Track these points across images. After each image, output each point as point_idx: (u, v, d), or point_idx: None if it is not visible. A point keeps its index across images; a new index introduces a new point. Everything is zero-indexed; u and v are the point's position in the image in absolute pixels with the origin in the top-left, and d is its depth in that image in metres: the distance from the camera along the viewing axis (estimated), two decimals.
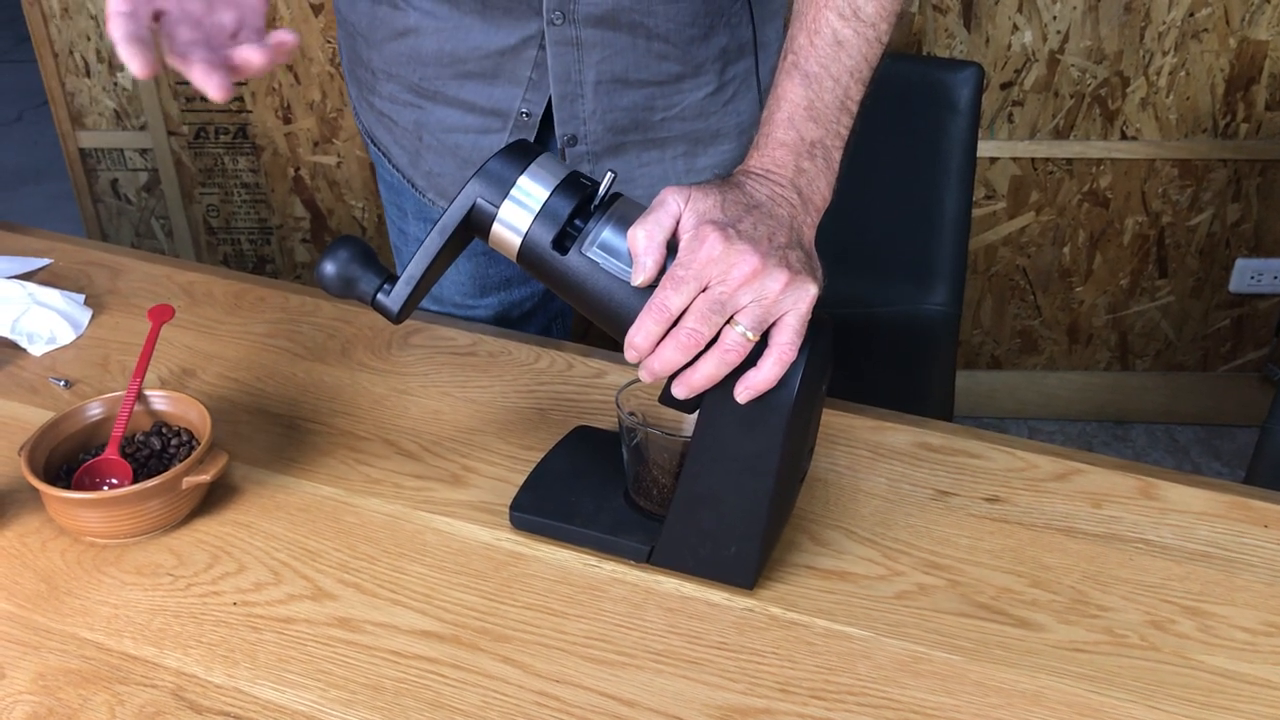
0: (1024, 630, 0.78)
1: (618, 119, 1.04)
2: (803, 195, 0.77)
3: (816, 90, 0.79)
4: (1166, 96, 2.00)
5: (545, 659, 0.75)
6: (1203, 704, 0.73)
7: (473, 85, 1.03)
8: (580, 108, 1.02)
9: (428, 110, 1.07)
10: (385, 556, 0.83)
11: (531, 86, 1.01)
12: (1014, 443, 0.95)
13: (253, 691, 0.73)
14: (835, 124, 0.80)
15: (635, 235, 0.72)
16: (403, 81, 1.07)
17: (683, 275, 0.71)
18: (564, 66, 1.00)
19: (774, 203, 0.75)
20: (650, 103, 1.04)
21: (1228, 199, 2.09)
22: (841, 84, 0.80)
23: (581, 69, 1.00)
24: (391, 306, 0.77)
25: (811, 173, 0.78)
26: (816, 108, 0.79)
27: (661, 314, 0.71)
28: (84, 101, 2.14)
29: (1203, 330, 2.23)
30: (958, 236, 1.54)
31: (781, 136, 0.78)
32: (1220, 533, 0.86)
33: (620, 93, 1.02)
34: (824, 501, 0.88)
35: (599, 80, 1.01)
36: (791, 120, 0.79)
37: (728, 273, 0.70)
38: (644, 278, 0.72)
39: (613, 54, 1.00)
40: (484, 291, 1.19)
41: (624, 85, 1.02)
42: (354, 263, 0.78)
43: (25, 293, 1.09)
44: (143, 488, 0.81)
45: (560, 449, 0.90)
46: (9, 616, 0.78)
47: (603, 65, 1.00)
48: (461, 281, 1.18)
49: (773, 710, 0.72)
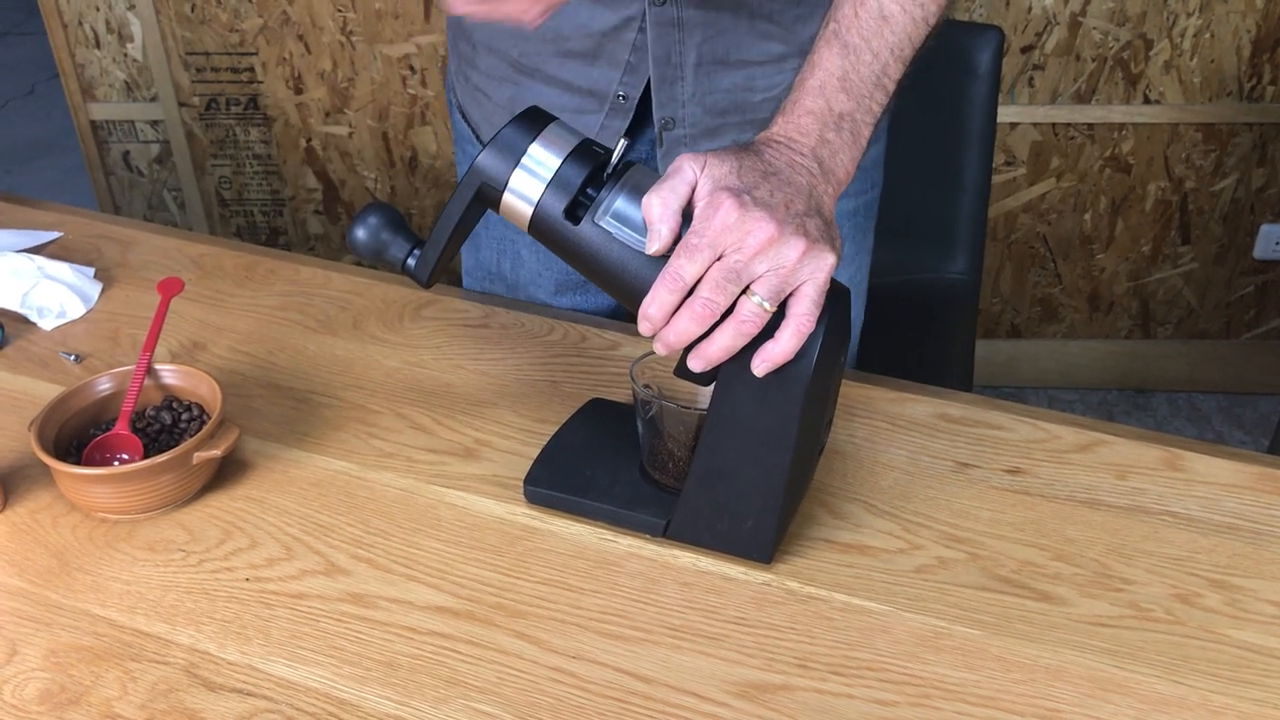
0: (1046, 604, 0.76)
1: (717, 101, 1.01)
2: (824, 166, 0.75)
3: (854, 62, 0.78)
4: (1190, 59, 1.97)
5: (560, 634, 0.74)
6: (1229, 679, 0.72)
7: (573, 64, 1.01)
8: (679, 90, 0.99)
9: (525, 87, 1.05)
10: (399, 531, 0.82)
11: (629, 69, 0.99)
12: (1036, 413, 0.93)
13: (265, 668, 0.72)
14: (868, 99, 0.78)
15: (650, 202, 0.71)
16: (503, 56, 1.05)
17: (697, 243, 0.69)
18: (664, 48, 0.97)
19: (793, 170, 0.73)
20: (750, 83, 1.01)
21: (1252, 164, 2.05)
22: (881, 59, 0.78)
23: (682, 50, 0.97)
24: (421, 272, 0.79)
25: (836, 144, 0.76)
26: (851, 79, 0.77)
27: (675, 283, 0.69)
28: (94, 73, 2.12)
29: (1226, 297, 2.20)
30: (977, 203, 1.51)
31: (809, 104, 0.77)
32: (1248, 505, 0.84)
33: (721, 74, 1.00)
34: (842, 474, 0.87)
35: (699, 62, 0.98)
36: (823, 89, 0.77)
37: (743, 240, 0.69)
38: (659, 245, 0.70)
39: (715, 34, 0.97)
40: (560, 290, 1.15)
41: (724, 66, 0.99)
42: (385, 229, 0.79)
43: (35, 266, 1.08)
44: (153, 463, 0.80)
45: (574, 422, 0.89)
46: (20, 593, 0.78)
47: (704, 46, 0.98)
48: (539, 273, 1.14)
49: (791, 685, 0.71)
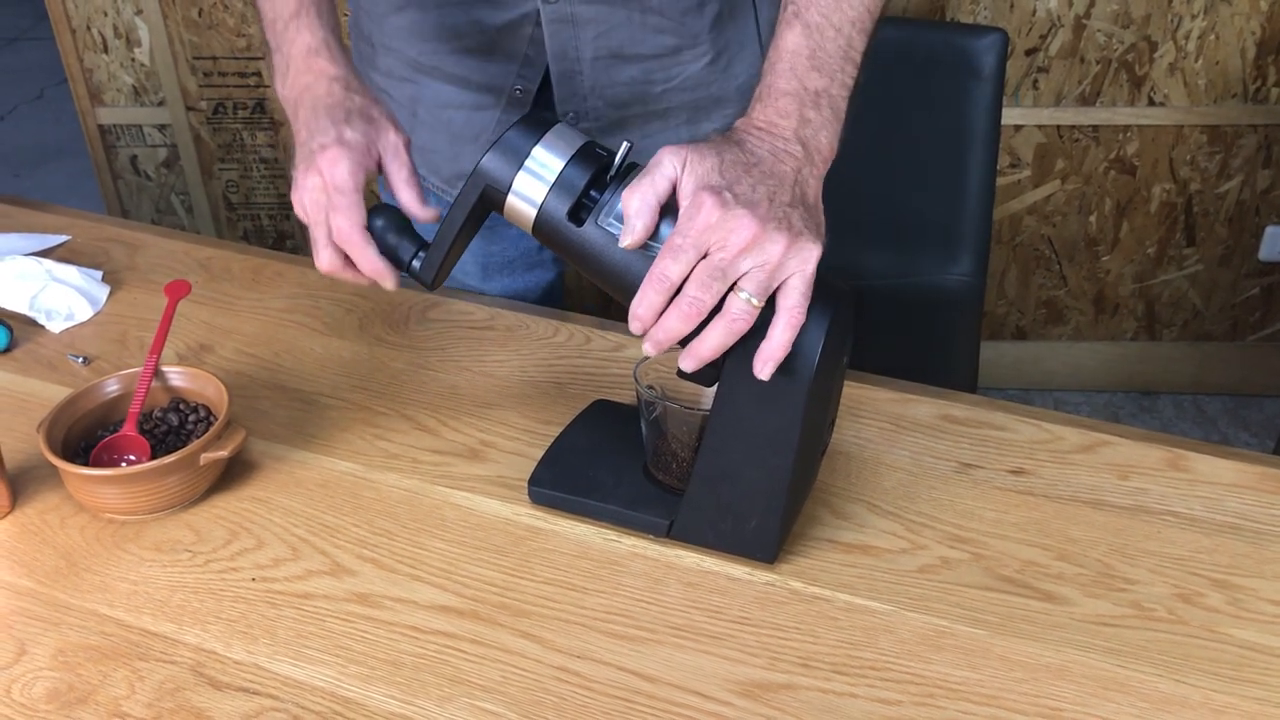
0: (1049, 604, 0.77)
1: (618, 93, 1.03)
2: (807, 148, 0.75)
3: (819, 40, 0.78)
4: (1195, 61, 1.97)
5: (565, 634, 0.75)
6: (1232, 678, 0.72)
7: (470, 60, 1.02)
8: (579, 84, 1.01)
9: (423, 85, 1.07)
10: (404, 532, 0.83)
11: (527, 63, 1.01)
12: (1039, 414, 0.93)
13: (272, 667, 0.72)
14: (840, 73, 0.78)
15: (628, 197, 0.71)
16: (400, 56, 1.07)
17: (680, 243, 0.69)
18: (560, 44, 0.99)
19: (776, 158, 0.73)
20: (648, 76, 1.03)
21: (1258, 165, 2.05)
22: (844, 34, 0.79)
23: (579, 45, 0.99)
24: (425, 274, 0.80)
25: (817, 123, 0.76)
26: (819, 57, 0.77)
27: (661, 283, 0.70)
28: (102, 78, 2.13)
29: (1231, 299, 2.20)
30: (982, 206, 1.52)
31: (784, 86, 0.77)
32: (1250, 504, 0.84)
33: (618, 68, 1.02)
34: (846, 475, 0.87)
35: (596, 56, 1.00)
36: (794, 70, 0.77)
37: (726, 239, 0.69)
38: (631, 240, 0.71)
39: (608, 29, 0.99)
40: (487, 274, 1.18)
41: (621, 60, 1.01)
42: (390, 231, 0.80)
43: (43, 269, 1.09)
44: (161, 464, 0.81)
45: (578, 423, 0.89)
46: (29, 593, 0.78)
47: (599, 41, 0.99)
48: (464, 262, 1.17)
49: (794, 685, 0.71)
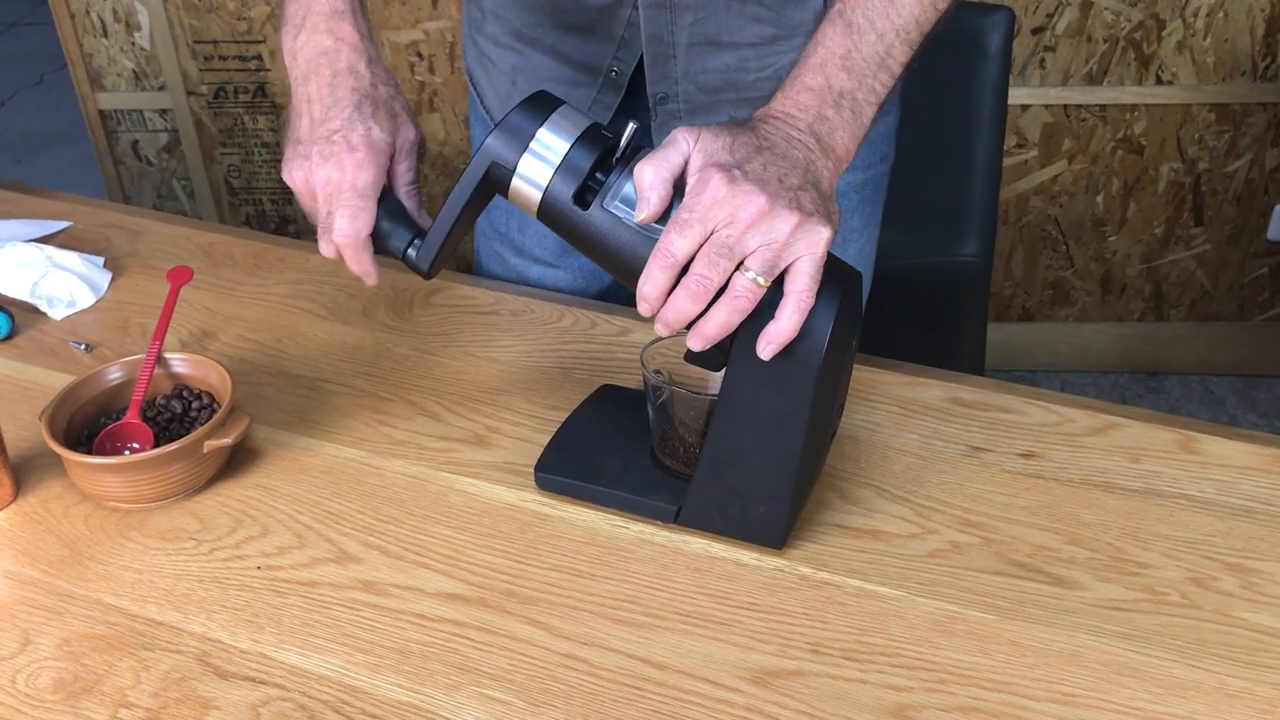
0: (1061, 588, 0.76)
1: (710, 80, 1.01)
2: (821, 143, 0.74)
3: (856, 41, 0.77)
4: (1204, 39, 1.95)
5: (572, 621, 0.74)
6: (1246, 662, 0.71)
7: (570, 37, 1.01)
8: (672, 68, 0.99)
9: (525, 56, 1.05)
10: (409, 519, 0.82)
11: (623, 45, 0.99)
12: (1049, 396, 0.93)
13: (278, 656, 0.72)
14: (871, 79, 0.77)
15: (642, 171, 0.70)
16: (506, 24, 1.05)
17: (687, 219, 0.68)
18: (656, 28, 0.97)
19: (789, 144, 0.72)
20: (743, 64, 1.01)
21: (1266, 144, 2.04)
22: (885, 40, 0.77)
23: (674, 30, 0.97)
24: (421, 262, 0.78)
25: (834, 121, 0.75)
26: (853, 58, 0.76)
27: (666, 260, 0.69)
28: (102, 62, 2.12)
29: (1239, 279, 2.19)
30: (988, 186, 1.51)
31: (809, 81, 0.76)
32: (1263, 487, 0.84)
33: (712, 54, 0.99)
34: (854, 459, 0.87)
35: (691, 42, 0.98)
36: (823, 66, 0.76)
37: (734, 215, 0.68)
38: (647, 213, 0.70)
39: (705, 16, 0.97)
40: (565, 251, 1.14)
41: (716, 47, 0.99)
42: (385, 219, 0.78)
43: (44, 256, 1.08)
44: (164, 452, 0.80)
45: (585, 408, 0.89)
46: (33, 583, 0.78)
47: (695, 27, 0.97)
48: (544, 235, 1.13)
49: (804, 671, 0.71)
